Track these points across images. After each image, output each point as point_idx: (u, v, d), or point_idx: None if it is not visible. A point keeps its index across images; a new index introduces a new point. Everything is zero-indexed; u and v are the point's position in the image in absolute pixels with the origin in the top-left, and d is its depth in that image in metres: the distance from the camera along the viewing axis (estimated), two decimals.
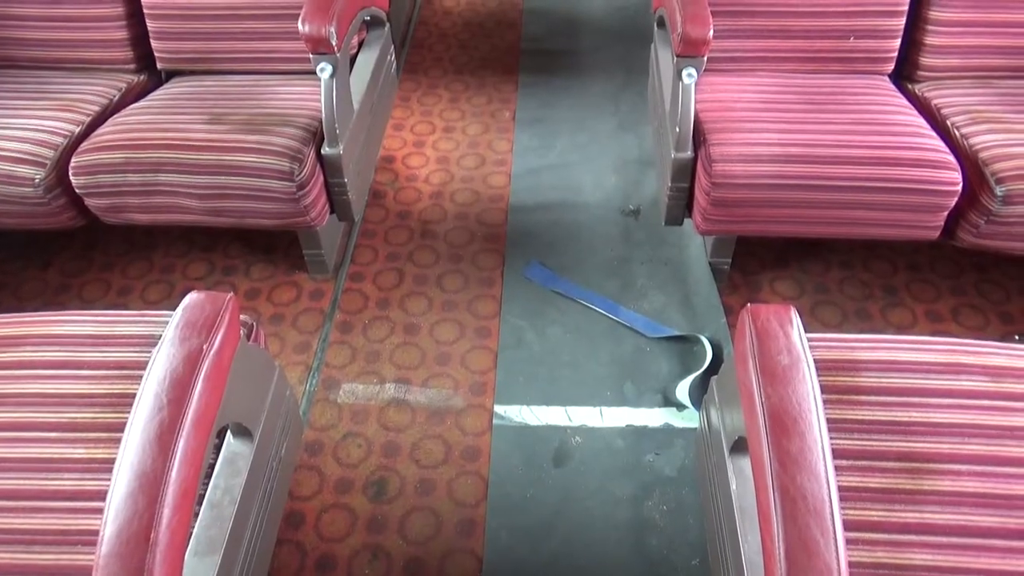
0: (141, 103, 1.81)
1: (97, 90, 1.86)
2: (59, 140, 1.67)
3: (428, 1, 3.13)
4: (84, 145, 1.65)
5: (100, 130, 1.69)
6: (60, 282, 1.97)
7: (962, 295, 1.86)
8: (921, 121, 1.64)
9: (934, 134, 1.59)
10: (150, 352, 0.98)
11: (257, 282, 1.97)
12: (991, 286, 1.87)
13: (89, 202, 1.67)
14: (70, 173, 1.62)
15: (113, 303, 1.91)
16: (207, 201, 1.63)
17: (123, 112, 1.76)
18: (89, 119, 1.75)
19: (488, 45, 2.89)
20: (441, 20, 3.04)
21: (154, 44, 1.91)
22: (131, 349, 1.12)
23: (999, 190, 1.47)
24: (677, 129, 1.59)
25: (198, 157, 1.59)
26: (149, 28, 1.90)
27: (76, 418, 1.05)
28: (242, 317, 1.18)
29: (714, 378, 1.27)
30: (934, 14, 1.76)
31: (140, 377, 0.95)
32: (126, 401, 1.03)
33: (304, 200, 1.61)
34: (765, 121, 1.63)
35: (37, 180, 1.61)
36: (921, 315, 1.82)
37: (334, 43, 1.53)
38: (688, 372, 1.70)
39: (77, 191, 1.65)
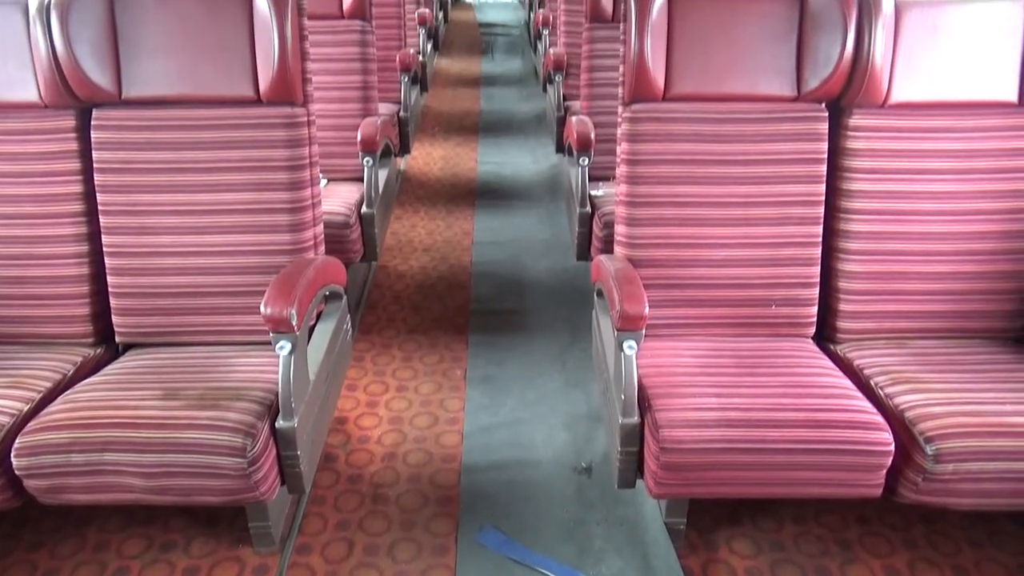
0: (94, 378, 1.83)
1: (51, 365, 1.88)
2: (5, 420, 1.65)
3: (382, 266, 3.34)
4: (31, 425, 1.63)
5: (49, 408, 1.68)
6: None
7: (915, 548, 1.87)
8: (847, 382, 1.75)
9: (861, 395, 1.70)
10: None
11: (197, 559, 1.86)
12: (941, 538, 1.89)
13: (28, 483, 1.61)
14: (12, 455, 1.58)
15: None
16: (152, 480, 1.59)
17: (75, 388, 1.77)
18: (40, 396, 1.75)
19: (440, 306, 3.05)
20: (395, 283, 3.22)
21: (116, 320, 1.98)
22: None
23: (929, 449, 1.55)
24: (623, 396, 1.67)
25: (148, 435, 1.58)
26: (112, 305, 1.97)
27: None
28: None
29: None
30: (843, 285, 1.96)
31: None
32: None
33: (255, 475, 1.59)
34: (704, 386, 1.72)
35: None
36: (879, 571, 1.81)
37: (294, 323, 1.61)
38: None
39: (17, 472, 1.60)
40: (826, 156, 1.93)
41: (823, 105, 1.93)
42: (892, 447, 1.57)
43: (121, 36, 1.88)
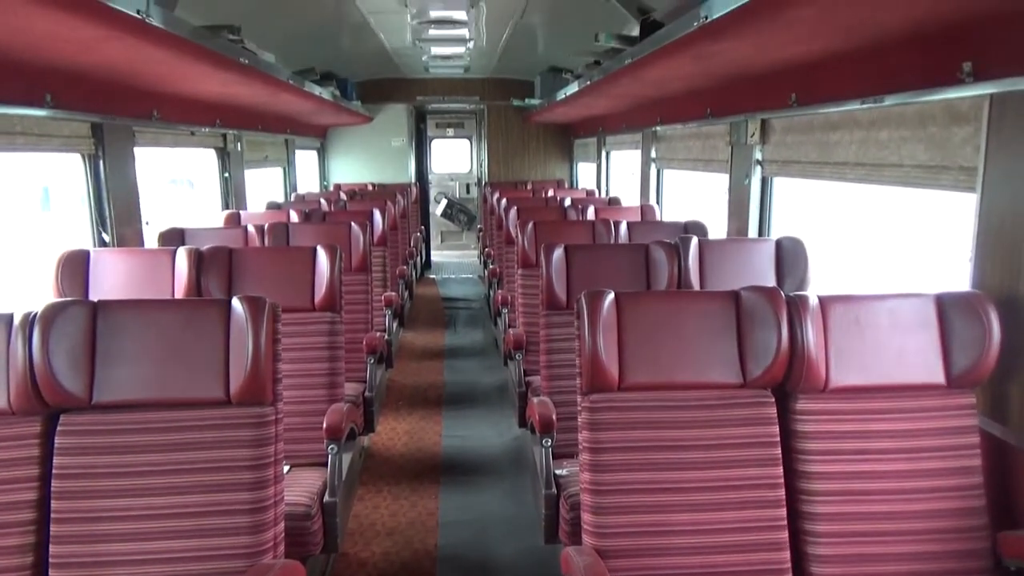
0: None
1: None
2: None
3: (343, 554, 3.19)
4: None
5: None
6: None
7: None
8: None
9: None
10: None
11: None
12: None
13: None
14: None
15: None
16: None
17: None
18: None
19: None
20: (356, 573, 3.06)
21: None
22: None
23: None
24: None
25: None
26: None
27: None
28: None
29: None
30: (815, 570, 1.93)
31: None
32: None
33: None
34: None
35: None
36: None
37: None
38: None
39: None
40: (778, 439, 2.00)
41: (769, 391, 2.05)
42: None
43: (99, 346, 1.95)
